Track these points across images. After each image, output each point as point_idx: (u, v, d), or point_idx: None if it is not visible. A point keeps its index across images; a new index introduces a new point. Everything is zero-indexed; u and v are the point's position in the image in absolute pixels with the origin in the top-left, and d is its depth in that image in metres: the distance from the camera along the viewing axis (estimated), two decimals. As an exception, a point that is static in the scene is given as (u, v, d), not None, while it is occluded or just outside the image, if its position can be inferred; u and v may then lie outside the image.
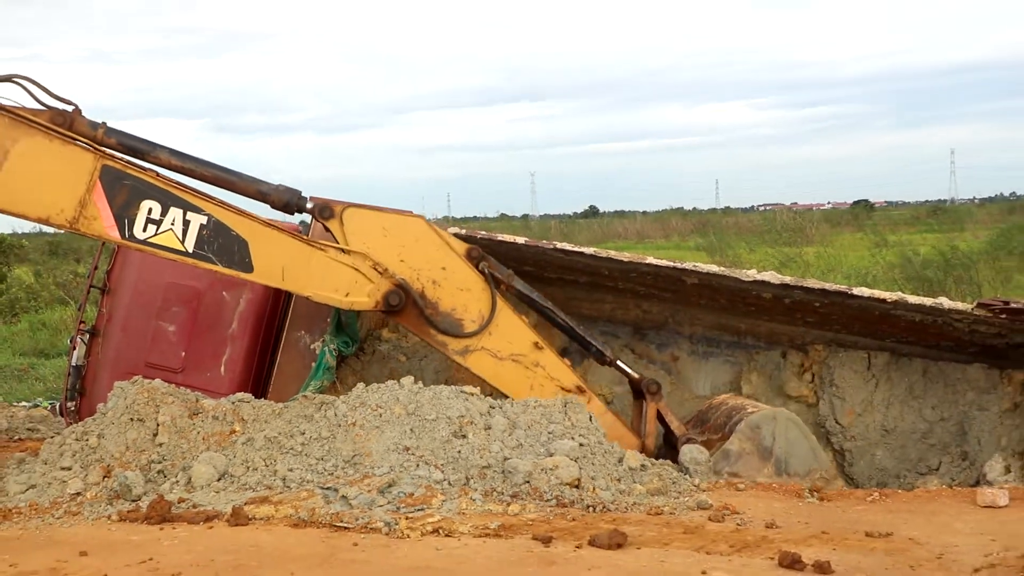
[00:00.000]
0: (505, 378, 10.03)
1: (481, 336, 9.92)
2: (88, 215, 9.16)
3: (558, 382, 10.06)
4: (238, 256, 9.46)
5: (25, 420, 13.99)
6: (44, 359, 20.92)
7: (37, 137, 9.03)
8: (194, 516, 8.01)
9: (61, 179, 9.08)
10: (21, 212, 9.22)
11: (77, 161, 9.12)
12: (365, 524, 7.62)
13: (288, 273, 9.59)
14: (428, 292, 9.84)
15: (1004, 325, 9.87)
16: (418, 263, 9.83)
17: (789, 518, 7.97)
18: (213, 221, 9.37)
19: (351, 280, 9.68)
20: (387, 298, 9.69)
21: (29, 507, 8.66)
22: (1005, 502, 8.28)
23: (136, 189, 9.24)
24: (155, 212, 9.28)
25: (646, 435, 10.28)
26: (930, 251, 27.34)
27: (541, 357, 10.06)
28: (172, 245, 9.38)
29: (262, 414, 9.52)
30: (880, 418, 10.90)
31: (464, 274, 9.94)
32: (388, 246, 9.82)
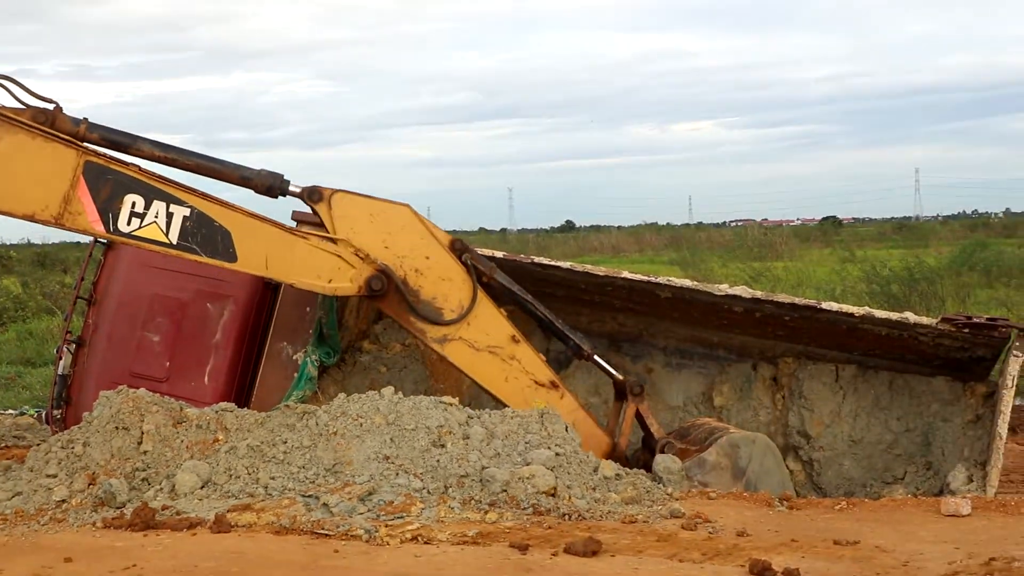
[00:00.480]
0: (481, 369, 9.97)
1: (460, 326, 9.86)
2: (73, 211, 9.12)
3: (533, 376, 10.00)
4: (222, 246, 9.41)
5: (12, 428, 13.92)
6: (31, 368, 20.83)
7: (20, 135, 8.98)
8: (178, 523, 7.97)
9: (45, 176, 9.03)
10: (7, 210, 9.16)
11: (60, 158, 9.06)
12: (346, 531, 7.61)
13: (271, 261, 9.55)
14: (410, 279, 9.77)
15: (967, 339, 9.92)
16: (402, 251, 9.77)
17: (760, 526, 7.98)
18: (196, 213, 9.32)
19: (333, 267, 9.63)
20: (369, 283, 9.64)
21: (15, 514, 8.61)
22: (968, 511, 8.31)
23: (119, 184, 9.19)
24: (139, 206, 9.23)
25: (620, 435, 10.25)
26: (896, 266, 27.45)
27: (517, 350, 10.00)
28: (156, 237, 9.33)
29: (245, 423, 9.49)
30: (847, 429, 10.92)
31: (447, 264, 9.89)
32: (373, 232, 9.77)
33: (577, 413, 10.10)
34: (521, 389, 9.96)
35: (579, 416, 10.10)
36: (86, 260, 11.84)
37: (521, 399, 9.94)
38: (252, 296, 11.20)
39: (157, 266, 11.32)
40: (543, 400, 9.93)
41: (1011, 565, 6.80)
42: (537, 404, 9.81)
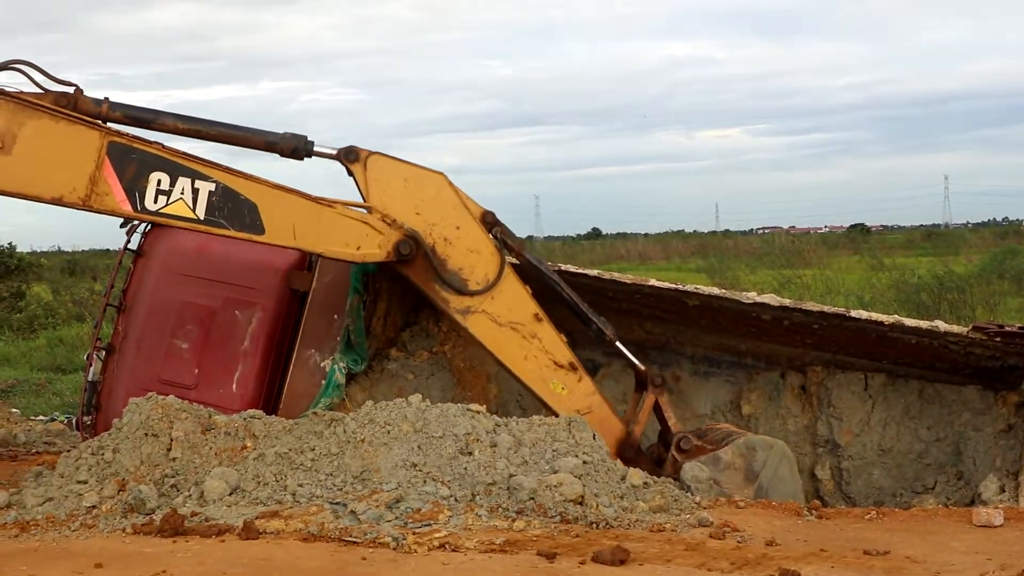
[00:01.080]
0: (501, 345, 9.93)
1: (484, 299, 9.81)
2: (100, 192, 9.13)
3: (552, 356, 9.96)
4: (249, 219, 9.40)
5: (43, 434, 14.01)
6: (61, 374, 20.96)
7: (43, 119, 9.01)
8: (206, 530, 8.00)
9: (70, 158, 9.05)
10: (35, 194, 9.16)
11: (84, 139, 9.09)
12: (373, 539, 7.61)
13: (299, 231, 9.51)
14: (439, 248, 9.73)
15: (998, 348, 9.86)
16: (433, 218, 9.74)
17: (788, 536, 7.94)
18: (221, 187, 9.31)
19: (361, 233, 9.59)
20: (398, 248, 9.60)
21: (46, 519, 8.66)
22: (1000, 522, 8.25)
23: (144, 162, 9.20)
24: (164, 183, 9.23)
25: (635, 423, 10.19)
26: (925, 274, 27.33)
27: (539, 329, 9.95)
28: (184, 214, 9.33)
29: (273, 430, 9.51)
30: (877, 438, 10.87)
31: (476, 236, 9.85)
32: (406, 197, 9.74)
33: (594, 397, 10.08)
34: (540, 368, 9.94)
35: (595, 400, 10.08)
36: (116, 267, 11.92)
37: (539, 378, 9.95)
38: (280, 304, 11.24)
39: (186, 273, 11.39)
40: (560, 382, 9.95)
41: (1043, 576, 6.77)
42: (554, 385, 9.89)
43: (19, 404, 17.36)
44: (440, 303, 9.91)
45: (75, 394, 16.03)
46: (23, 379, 20.55)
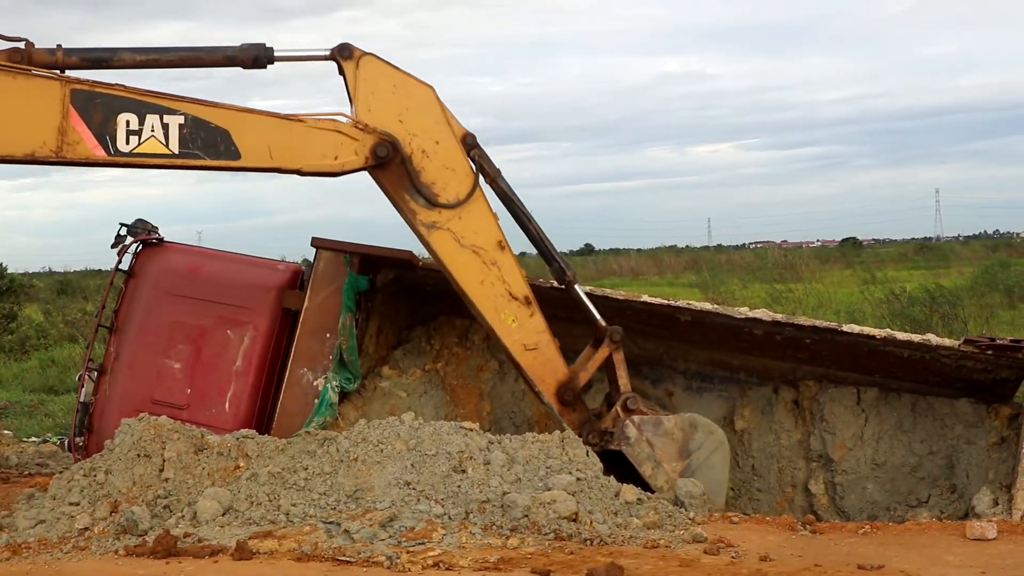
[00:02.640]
0: (460, 266, 9.85)
1: (451, 216, 9.74)
2: (70, 141, 9.08)
3: (508, 287, 9.90)
4: (223, 147, 9.34)
5: (35, 455, 13.98)
6: (53, 395, 20.92)
7: (1, 79, 8.98)
8: (199, 550, 7.99)
9: (35, 113, 9.01)
10: (6, 154, 9.12)
11: (45, 92, 9.05)
12: (367, 558, 7.61)
13: (274, 151, 9.46)
14: (416, 159, 9.66)
15: (990, 361, 9.87)
16: (415, 128, 9.67)
17: (783, 551, 7.95)
18: (190, 118, 9.25)
19: (336, 143, 9.53)
20: (375, 151, 9.52)
21: (38, 542, 8.65)
22: (994, 535, 8.26)
23: (109, 105, 9.13)
24: (133, 123, 9.17)
25: (582, 371, 10.14)
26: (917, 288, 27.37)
27: (501, 257, 9.89)
28: (157, 151, 9.26)
29: (266, 450, 9.50)
30: (870, 452, 10.87)
31: (454, 154, 9.78)
32: (392, 103, 9.69)
33: (543, 335, 10.03)
34: (494, 296, 9.88)
35: (544, 339, 10.03)
36: (107, 288, 11.93)
37: (492, 306, 9.89)
38: (272, 323, 11.25)
39: (178, 293, 11.40)
40: (512, 314, 9.90)
41: (1037, 589, 6.79)
42: (505, 316, 9.84)
43: (11, 425, 17.33)
44: (407, 213, 9.79)
45: (67, 415, 16.01)
46: (15, 400, 20.53)
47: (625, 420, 9.89)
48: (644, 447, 9.81)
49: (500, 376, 11.93)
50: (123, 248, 11.64)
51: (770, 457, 11.20)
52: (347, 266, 10.93)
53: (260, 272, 11.61)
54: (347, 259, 10.94)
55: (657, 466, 9.80)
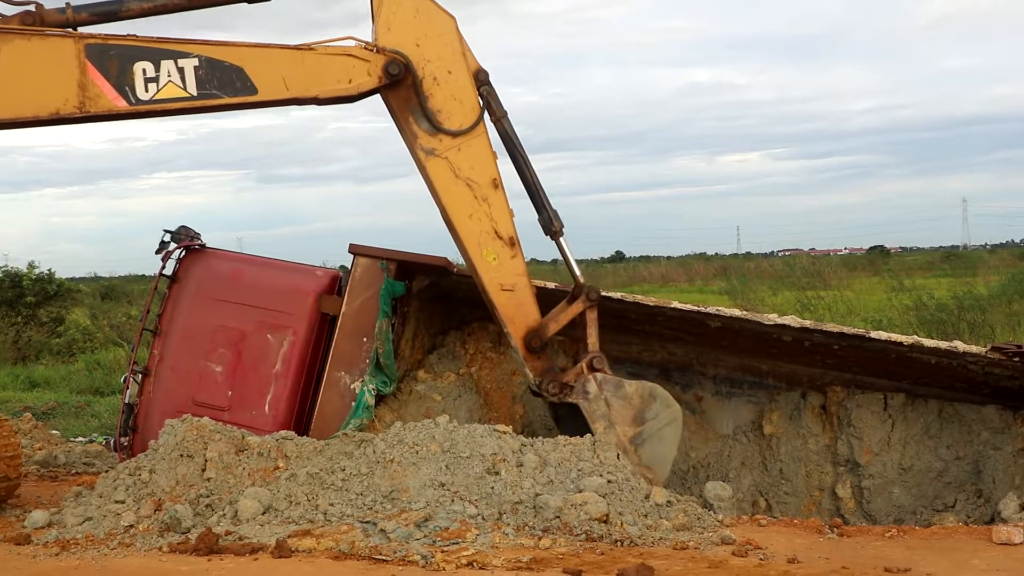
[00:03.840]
0: (452, 197, 9.78)
1: (450, 146, 9.68)
2: (91, 95, 9.12)
3: (495, 225, 9.82)
4: (239, 83, 9.34)
5: (82, 455, 14.06)
6: (99, 397, 21.03)
7: (15, 41, 9.04)
8: (240, 548, 8.03)
9: (53, 72, 9.05)
10: (32, 114, 9.17)
11: (60, 50, 9.09)
12: (403, 557, 7.63)
13: (290, 82, 9.44)
14: (426, 84, 9.62)
15: (1017, 368, 9.80)
16: (430, 54, 9.63)
17: (810, 553, 7.92)
18: (204, 59, 9.25)
19: (348, 66, 9.50)
20: (387, 69, 9.48)
21: (85, 538, 8.72)
22: (1020, 539, 8.21)
23: (124, 55, 9.15)
24: (149, 71, 9.19)
25: (552, 321, 10.04)
26: (945, 295, 27.17)
27: (492, 195, 9.81)
28: (176, 95, 9.27)
29: (304, 451, 9.54)
30: (897, 457, 10.82)
31: (464, 86, 9.72)
32: (412, 26, 9.64)
33: (521, 279, 9.95)
34: (479, 232, 9.80)
35: (522, 282, 9.95)
36: (151, 293, 11.98)
37: (475, 241, 9.80)
38: (311, 327, 11.28)
39: (219, 298, 11.45)
40: (494, 252, 9.82)
41: (1063, 593, 6.74)
42: (487, 253, 9.77)
43: (59, 426, 17.44)
44: (409, 136, 9.76)
45: (113, 416, 16.10)
46: (63, 402, 20.64)
47: (588, 376, 9.85)
48: (601, 405, 9.78)
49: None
50: (167, 254, 11.71)
51: (798, 461, 11.16)
52: (384, 272, 10.95)
53: (299, 278, 11.65)
54: (384, 265, 10.97)
55: (610, 426, 9.75)
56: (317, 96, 9.55)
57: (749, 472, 11.29)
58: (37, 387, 23.53)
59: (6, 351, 28.09)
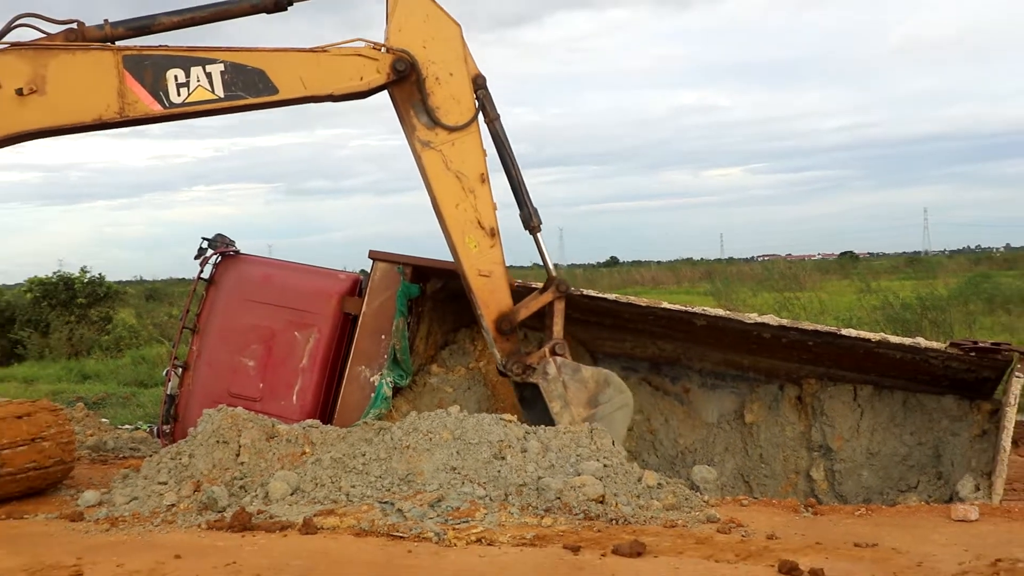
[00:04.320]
0: (442, 186, 9.76)
1: (445, 140, 9.69)
2: (130, 101, 9.17)
3: (479, 216, 9.82)
4: (262, 85, 9.37)
5: (128, 441, 14.05)
6: (144, 388, 21.04)
7: (61, 56, 9.09)
8: (271, 526, 8.02)
9: (95, 81, 9.11)
10: (78, 121, 9.22)
11: (101, 62, 9.14)
12: (418, 534, 7.62)
13: (307, 81, 9.46)
14: (428, 82, 9.64)
15: (973, 362, 9.79)
16: (435, 57, 9.65)
17: (787, 530, 7.90)
18: (229, 64, 9.28)
19: (359, 65, 9.52)
20: (394, 66, 9.52)
21: (132, 516, 8.72)
22: (976, 517, 8.20)
23: (157, 64, 9.21)
24: (180, 77, 9.23)
25: (523, 307, 10.04)
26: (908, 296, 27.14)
27: (479, 188, 9.81)
28: (206, 98, 9.30)
29: (328, 438, 9.54)
30: (865, 443, 10.80)
31: (463, 88, 9.73)
32: (421, 30, 9.67)
33: (498, 267, 9.95)
34: (464, 221, 9.79)
35: (498, 270, 9.94)
36: (191, 294, 12.00)
37: (459, 229, 9.79)
38: (334, 326, 11.30)
39: (252, 299, 11.48)
40: (475, 240, 9.81)
41: (1015, 566, 6.71)
42: (469, 240, 9.77)
43: (108, 414, 17.43)
44: (408, 128, 9.76)
45: (156, 406, 16.10)
46: (111, 393, 20.64)
47: (549, 359, 9.87)
48: (559, 386, 9.81)
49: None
50: (204, 259, 11.74)
51: (776, 447, 11.14)
52: (400, 276, 10.96)
53: (323, 281, 11.66)
54: (400, 269, 10.97)
55: (565, 406, 9.79)
56: (332, 93, 9.57)
57: (732, 457, 11.27)
58: (88, 379, 23.55)
59: (61, 347, 28.10)
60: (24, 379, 23.60)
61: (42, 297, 30.09)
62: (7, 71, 9.06)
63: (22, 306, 30.17)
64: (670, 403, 11.63)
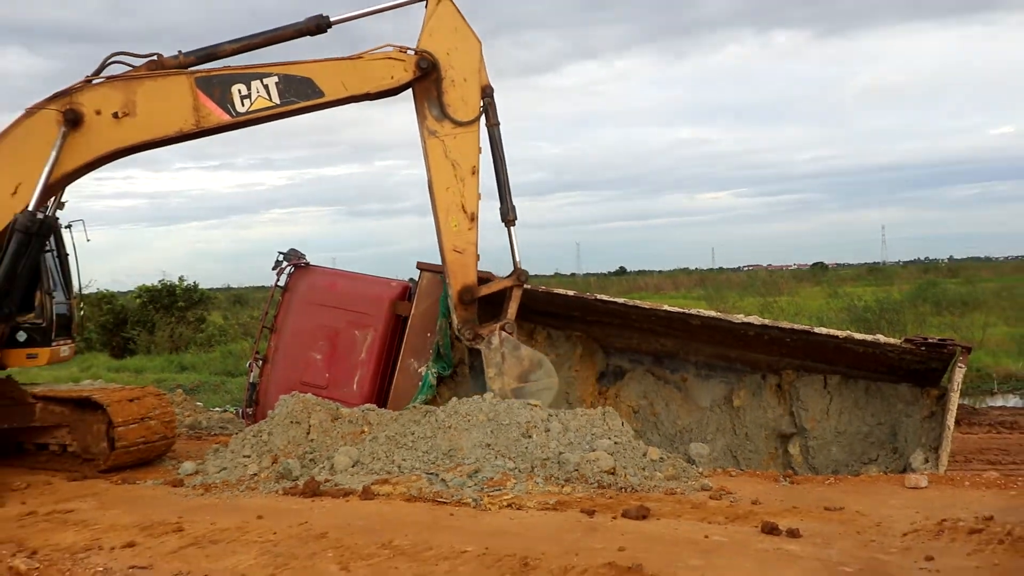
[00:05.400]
0: (438, 170, 9.75)
1: (449, 132, 9.68)
2: (204, 114, 9.30)
3: (463, 201, 9.77)
4: (310, 91, 9.43)
5: (218, 421, 14.16)
6: (231, 377, 21.16)
7: (146, 83, 9.27)
8: (336, 492, 8.04)
9: (175, 102, 9.26)
10: (163, 135, 9.36)
11: (179, 84, 9.29)
12: (458, 500, 7.62)
13: (347, 84, 9.49)
14: (445, 83, 9.66)
15: (924, 355, 9.71)
16: (455, 63, 9.67)
17: (769, 496, 7.86)
18: (281, 76, 9.37)
19: (390, 66, 9.56)
20: (418, 64, 9.55)
21: (222, 483, 8.78)
22: (925, 484, 8.16)
23: (223, 81, 9.32)
24: (243, 91, 9.33)
25: (485, 286, 10.03)
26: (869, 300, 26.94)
27: (469, 179, 9.78)
28: (265, 106, 9.39)
29: (383, 419, 9.55)
30: (834, 423, 10.70)
31: (472, 93, 9.75)
32: (448, 39, 9.71)
33: (471, 246, 9.90)
34: (450, 203, 9.76)
35: (471, 249, 9.90)
36: (269, 299, 12.05)
37: (445, 208, 9.76)
38: (388, 325, 11.30)
39: (320, 303, 11.50)
40: (456, 220, 9.77)
41: (956, 524, 6.75)
42: (452, 219, 9.73)
43: (202, 399, 17.56)
44: (421, 117, 9.76)
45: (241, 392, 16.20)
46: (204, 380, 20.79)
47: (497, 333, 9.83)
48: (497, 356, 9.76)
49: (557, 366, 11.88)
50: (280, 270, 11.78)
51: (759, 427, 11.06)
52: (443, 283, 10.96)
53: (378, 288, 11.67)
54: (443, 278, 10.97)
55: (499, 375, 9.74)
56: (368, 92, 9.59)
57: (722, 435, 11.19)
58: (186, 370, 23.70)
59: (164, 343, 28.30)
60: (134, 369, 23.79)
61: (149, 302, 30.28)
62: (105, 100, 9.24)
63: (133, 309, 30.36)
64: (670, 390, 11.56)
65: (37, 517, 7.84)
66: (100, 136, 9.23)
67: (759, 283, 41.92)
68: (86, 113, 9.19)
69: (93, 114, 9.20)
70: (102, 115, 9.20)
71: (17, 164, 9.18)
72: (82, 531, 7.25)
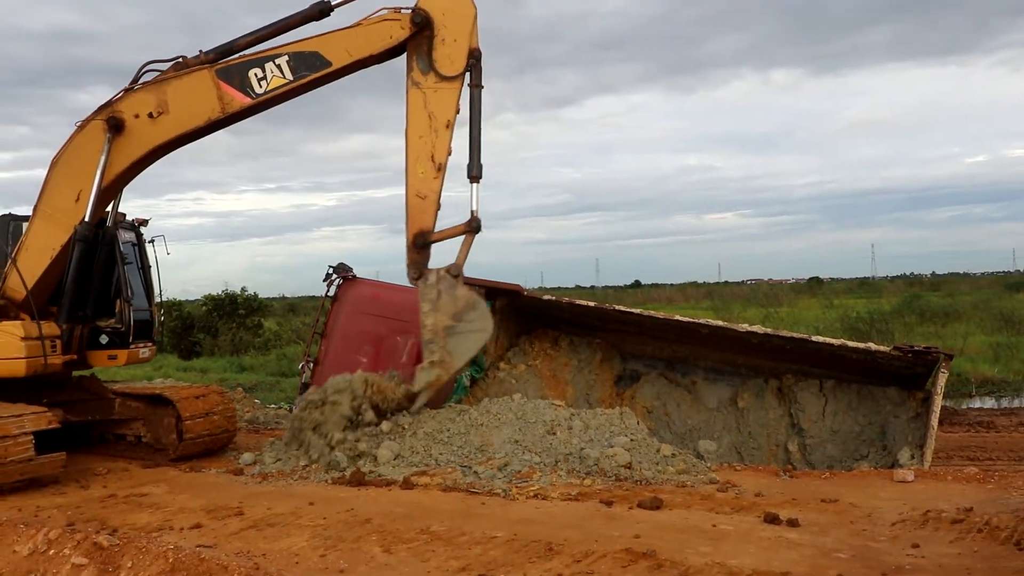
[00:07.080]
0: (415, 119, 9.24)
1: (432, 86, 9.24)
2: (227, 101, 9.29)
3: (434, 152, 9.22)
4: (318, 62, 9.27)
5: (274, 416, 14.21)
6: (285, 378, 21.27)
7: (173, 82, 9.32)
8: (379, 482, 8.06)
9: (201, 94, 9.29)
10: (195, 126, 9.36)
11: (202, 79, 9.31)
12: (489, 490, 7.62)
13: (352, 50, 9.26)
14: (435, 41, 9.23)
15: (910, 361, 9.65)
16: (448, 24, 9.26)
17: (771, 489, 7.81)
18: (291, 54, 9.26)
19: (388, 27, 9.27)
20: (413, 20, 9.18)
21: (278, 472, 8.80)
22: (912, 479, 8.10)
23: (240, 69, 9.30)
24: (259, 73, 9.27)
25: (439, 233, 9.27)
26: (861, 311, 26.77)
27: (442, 131, 9.25)
28: (281, 83, 9.27)
29: (422, 417, 9.55)
30: (829, 423, 10.64)
31: (460, 54, 9.27)
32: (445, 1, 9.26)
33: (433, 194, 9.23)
34: (420, 151, 9.21)
35: (432, 197, 9.22)
36: (320, 308, 12.12)
37: (415, 155, 9.21)
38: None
39: (365, 312, 11.53)
40: (424, 168, 9.19)
41: (940, 515, 6.69)
42: (420, 167, 9.16)
43: (260, 397, 17.66)
44: (408, 69, 9.34)
45: (294, 391, 16.29)
46: (261, 380, 20.90)
47: (437, 270, 9.21)
48: (434, 291, 9.13)
49: (578, 370, 11.88)
50: (330, 281, 11.84)
51: (761, 426, 11.00)
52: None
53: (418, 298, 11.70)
54: (476, 289, 10.98)
55: (434, 310, 9.14)
56: (371, 54, 9.31)
57: (728, 434, 11.14)
58: (245, 370, 23.85)
59: (226, 346, 28.52)
60: (200, 370, 23.96)
61: (213, 309, 30.51)
62: (141, 104, 9.35)
63: (198, 316, 30.62)
64: (681, 392, 11.52)
65: (117, 499, 7.93)
66: (141, 136, 9.35)
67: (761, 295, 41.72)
68: (126, 118, 9.33)
69: (132, 118, 9.34)
70: (140, 117, 9.34)
71: (75, 173, 9.37)
72: (155, 513, 7.32)
